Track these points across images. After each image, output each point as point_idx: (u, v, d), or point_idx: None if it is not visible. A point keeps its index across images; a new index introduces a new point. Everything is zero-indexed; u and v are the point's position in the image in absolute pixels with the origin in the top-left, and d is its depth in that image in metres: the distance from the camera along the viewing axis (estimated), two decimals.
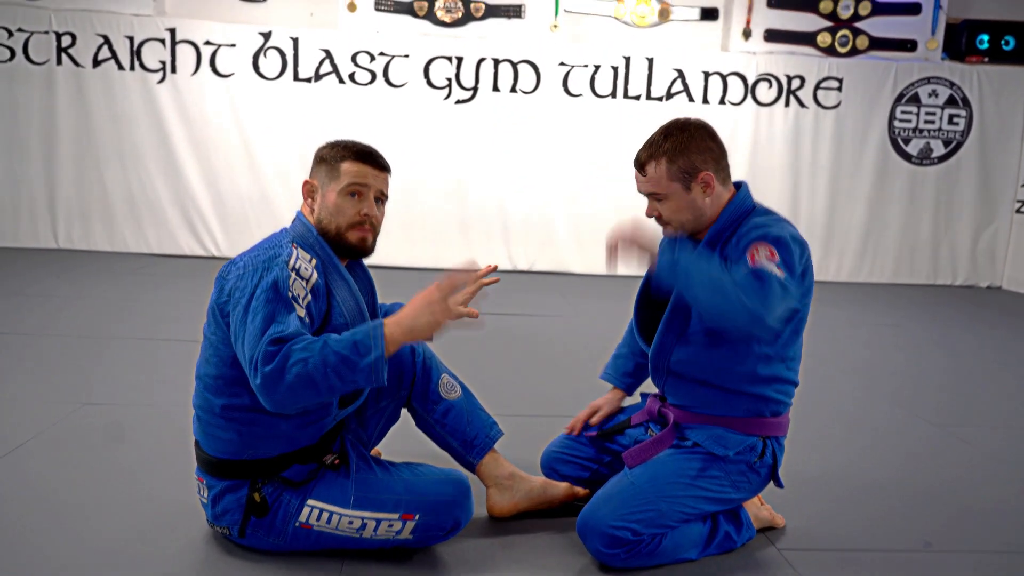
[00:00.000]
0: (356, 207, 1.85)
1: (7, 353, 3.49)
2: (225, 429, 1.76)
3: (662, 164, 1.91)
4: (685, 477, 1.91)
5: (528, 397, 3.24)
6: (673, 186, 1.91)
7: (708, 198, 1.92)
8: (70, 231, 6.24)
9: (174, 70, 6.11)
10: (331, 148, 1.90)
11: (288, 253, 1.74)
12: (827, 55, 6.55)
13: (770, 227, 1.83)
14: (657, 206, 1.96)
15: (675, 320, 1.95)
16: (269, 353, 1.57)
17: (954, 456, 2.84)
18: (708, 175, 1.91)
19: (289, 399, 1.59)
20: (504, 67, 6.31)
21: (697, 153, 1.91)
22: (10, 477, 2.23)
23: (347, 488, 1.79)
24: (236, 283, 1.71)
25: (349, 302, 1.83)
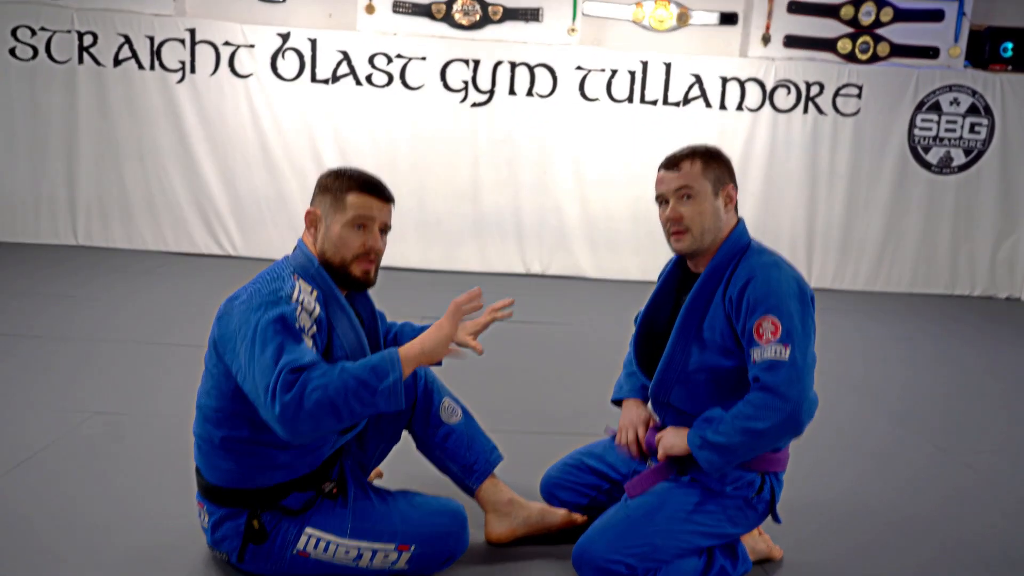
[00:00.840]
0: (361, 239, 1.86)
1: (22, 356, 3.56)
2: (225, 459, 1.79)
3: (698, 163, 1.96)
4: (682, 511, 1.92)
5: (532, 412, 3.26)
6: (705, 186, 1.95)
7: (725, 214, 1.96)
8: (89, 228, 6.32)
9: (193, 70, 6.16)
10: (335, 178, 1.90)
11: (291, 286, 1.75)
12: (847, 61, 6.48)
13: (775, 279, 1.85)
14: (681, 206, 1.94)
15: (675, 358, 1.96)
16: (288, 382, 1.57)
17: (957, 483, 2.83)
18: (733, 190, 1.98)
19: (309, 427, 1.58)
20: (521, 70, 6.31)
21: (726, 168, 2.00)
22: (18, 490, 2.28)
23: (344, 517, 1.82)
24: (240, 318, 1.71)
25: (349, 335, 1.84)
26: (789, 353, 1.78)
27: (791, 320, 1.81)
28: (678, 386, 1.97)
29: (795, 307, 1.83)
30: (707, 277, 1.93)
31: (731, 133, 6.46)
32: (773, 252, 1.97)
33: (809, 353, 1.82)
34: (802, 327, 1.82)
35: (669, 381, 1.98)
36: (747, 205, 6.55)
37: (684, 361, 1.95)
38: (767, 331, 1.80)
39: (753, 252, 1.94)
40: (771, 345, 1.79)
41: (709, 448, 1.82)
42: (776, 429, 1.79)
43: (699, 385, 1.94)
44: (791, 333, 1.80)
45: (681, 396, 1.97)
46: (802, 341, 1.81)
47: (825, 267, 6.71)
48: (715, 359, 1.91)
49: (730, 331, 1.88)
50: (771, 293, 1.82)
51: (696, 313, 1.94)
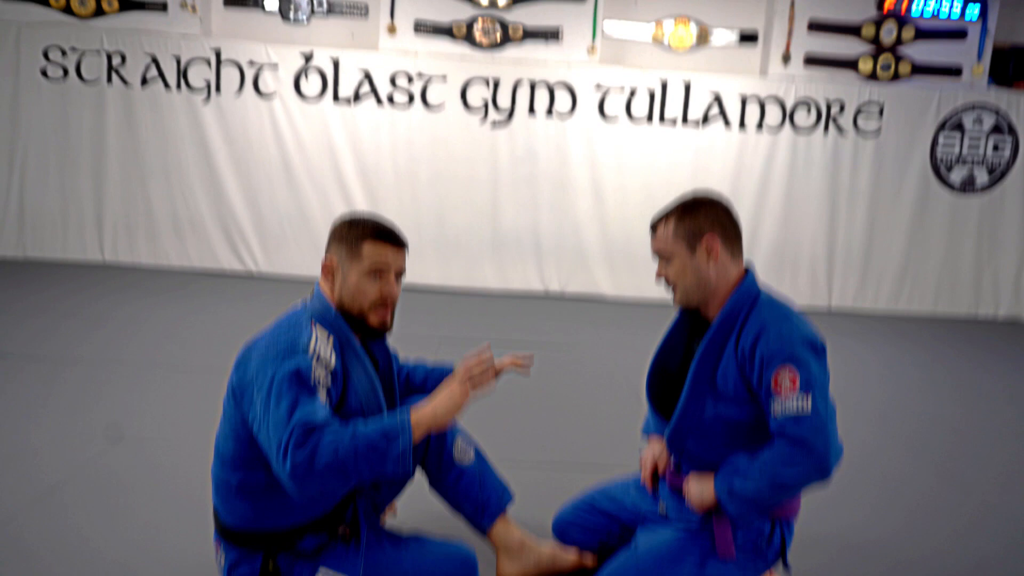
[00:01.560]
0: (378, 287, 1.90)
1: (46, 380, 3.64)
2: (242, 501, 1.83)
3: (670, 224, 1.99)
4: (691, 557, 1.94)
5: (547, 442, 3.28)
6: (678, 246, 1.97)
7: (712, 265, 1.96)
8: (116, 245, 6.44)
9: (219, 90, 6.26)
10: (349, 228, 1.93)
11: (308, 336, 1.78)
12: (869, 80, 6.46)
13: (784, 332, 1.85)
14: (664, 267, 2.02)
15: (690, 409, 1.97)
16: (300, 441, 1.61)
17: (970, 516, 2.80)
18: (712, 238, 1.96)
19: (317, 486, 1.63)
20: (540, 90, 6.35)
21: (705, 218, 1.98)
22: (41, 524, 2.34)
23: (356, 562, 1.86)
24: (257, 367, 1.75)
25: (364, 383, 1.88)
26: (811, 403, 1.79)
27: (808, 369, 1.81)
28: (693, 435, 1.99)
29: (811, 356, 1.83)
30: (718, 328, 1.95)
31: (751, 152, 6.45)
32: (784, 303, 1.98)
33: (828, 403, 1.83)
34: (820, 376, 1.83)
35: (684, 430, 2.00)
36: (766, 225, 6.54)
37: (699, 412, 1.96)
38: (785, 382, 1.81)
39: (764, 304, 1.95)
40: (792, 397, 1.80)
41: (739, 499, 1.85)
42: (805, 480, 1.81)
43: (715, 435, 1.96)
44: (810, 382, 1.80)
45: (697, 444, 1.99)
46: (822, 389, 1.82)
47: (846, 288, 6.68)
48: (730, 410, 1.93)
49: (743, 382, 1.90)
50: (785, 344, 1.84)
51: (708, 364, 1.95)
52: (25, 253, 6.41)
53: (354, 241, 1.91)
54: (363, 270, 1.89)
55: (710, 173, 6.44)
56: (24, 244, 6.42)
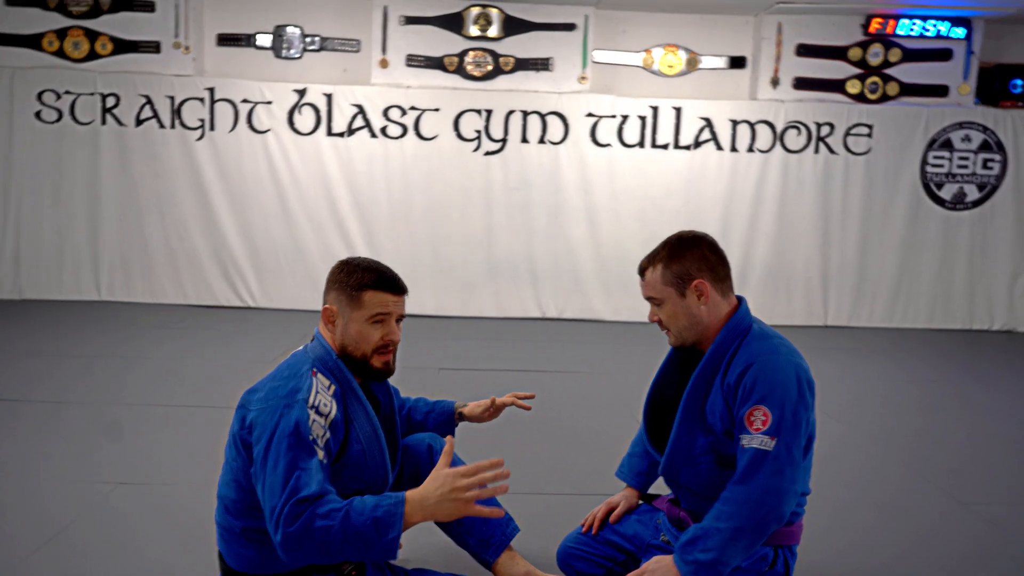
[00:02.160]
0: (380, 333, 1.91)
1: (47, 423, 3.62)
2: (246, 547, 1.83)
3: (658, 269, 2.00)
4: None
5: (549, 470, 3.27)
6: (667, 291, 1.99)
7: (704, 306, 1.98)
8: (112, 283, 6.44)
9: (212, 127, 6.31)
10: (348, 275, 1.92)
11: (308, 387, 1.78)
12: (857, 101, 6.53)
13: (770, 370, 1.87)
14: (656, 311, 2.04)
15: (681, 442, 1.99)
16: (293, 514, 1.61)
17: (972, 537, 2.80)
18: (702, 283, 1.97)
19: (303, 558, 1.64)
20: (533, 118, 6.41)
21: (692, 261, 1.99)
22: (48, 569, 2.32)
23: None
24: (257, 418, 1.76)
25: (366, 428, 1.89)
26: (774, 445, 1.81)
27: (782, 412, 1.83)
28: (686, 468, 2.00)
29: (790, 397, 1.85)
30: (707, 362, 1.97)
31: (742, 175, 6.51)
32: (775, 336, 1.99)
33: (796, 446, 1.84)
34: (793, 419, 1.84)
35: (677, 464, 2.01)
36: (760, 245, 6.58)
37: (690, 445, 1.98)
38: (757, 420, 1.83)
39: (754, 337, 1.96)
40: (759, 435, 1.82)
41: (704, 570, 1.83)
42: (758, 524, 1.82)
43: (706, 467, 1.97)
44: (780, 425, 1.82)
45: (690, 477, 2.00)
46: (790, 434, 1.83)
47: (841, 305, 6.70)
48: (719, 443, 1.95)
49: (729, 416, 1.92)
50: (767, 382, 1.85)
51: (697, 398, 1.97)
52: (21, 294, 6.41)
53: (355, 289, 1.91)
54: (364, 317, 1.90)
55: (703, 196, 6.49)
56: (20, 286, 6.42)
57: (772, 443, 1.82)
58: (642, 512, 2.27)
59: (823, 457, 3.57)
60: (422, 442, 2.23)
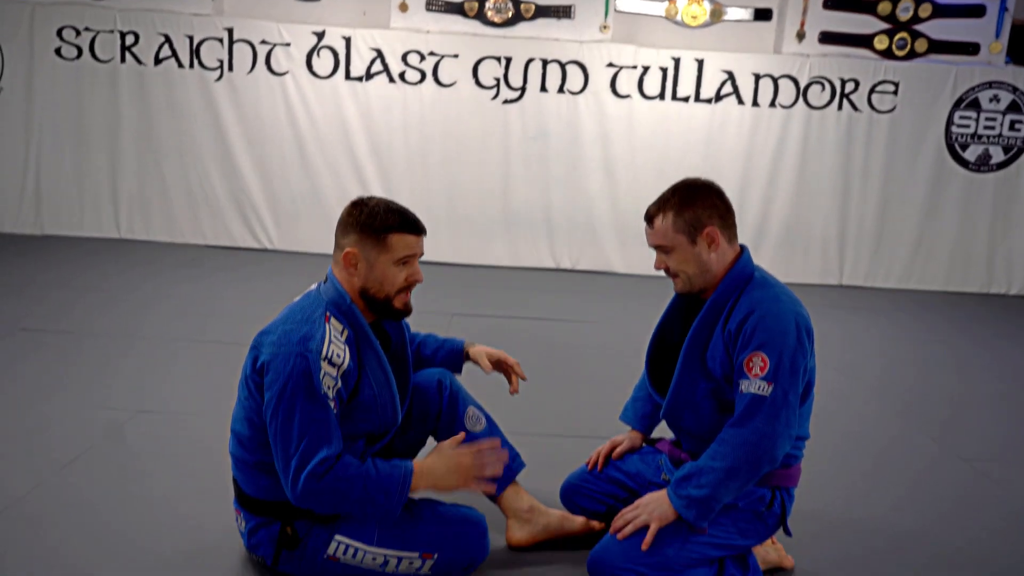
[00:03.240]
0: (405, 274, 1.93)
1: (69, 353, 3.71)
2: (261, 477, 1.89)
3: (669, 216, 1.99)
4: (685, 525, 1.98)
5: (557, 414, 3.33)
6: (679, 238, 1.99)
7: (713, 253, 1.99)
8: (131, 222, 6.51)
9: (231, 68, 6.29)
10: (370, 217, 1.91)
11: (321, 336, 1.80)
12: (884, 58, 6.41)
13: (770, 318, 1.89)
14: (664, 258, 2.04)
15: (682, 387, 2.02)
16: (316, 473, 1.73)
17: (973, 493, 2.83)
18: (713, 230, 1.98)
19: (313, 508, 1.81)
20: (552, 67, 6.34)
21: (703, 208, 1.99)
22: (63, 493, 2.40)
23: (371, 526, 1.91)
24: (270, 362, 1.79)
25: (378, 374, 1.92)
26: (771, 391, 1.85)
27: (780, 358, 1.86)
28: (687, 412, 2.04)
29: (789, 344, 1.87)
30: (709, 309, 1.99)
31: (763, 130, 6.43)
32: (776, 284, 2.01)
33: (793, 392, 1.88)
34: (791, 366, 1.87)
35: (678, 408, 2.06)
36: (778, 202, 6.53)
37: (691, 389, 2.02)
38: (756, 366, 1.87)
39: (756, 284, 1.98)
40: (757, 380, 1.86)
41: (696, 505, 1.88)
42: (752, 465, 1.86)
43: (707, 411, 2.01)
44: (778, 371, 1.86)
45: (691, 421, 2.04)
46: (787, 380, 1.87)
47: (857, 265, 6.67)
48: (719, 388, 1.99)
49: (729, 362, 1.95)
50: (766, 329, 1.88)
51: (699, 343, 2.00)
52: (43, 230, 6.49)
53: (379, 232, 1.90)
54: (391, 260, 1.91)
55: (722, 151, 6.43)
56: (42, 222, 6.50)
57: (769, 388, 1.85)
58: (644, 452, 2.31)
59: (825, 409, 3.61)
60: (431, 378, 2.26)
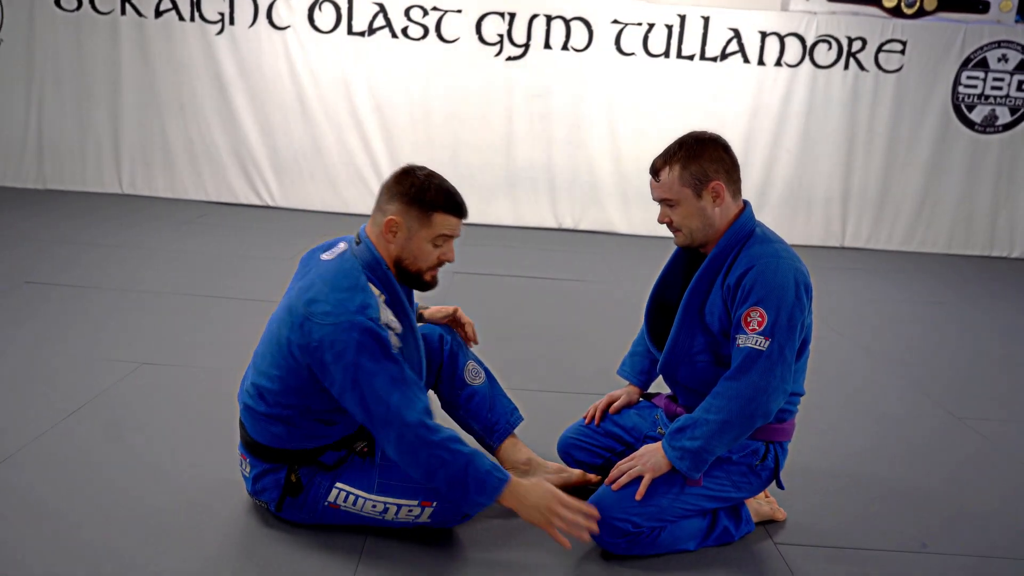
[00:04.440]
0: (439, 252, 1.93)
1: (71, 305, 3.75)
2: (273, 426, 1.92)
3: (675, 170, 1.99)
4: (680, 478, 2.02)
5: (556, 370, 3.36)
6: (684, 192, 1.99)
7: (718, 208, 1.99)
8: (134, 177, 6.51)
9: (232, 22, 6.23)
10: (420, 191, 1.88)
11: (375, 303, 1.82)
12: (892, 16, 6.33)
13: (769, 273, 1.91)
14: (669, 212, 2.04)
15: (680, 341, 2.05)
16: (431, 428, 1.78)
17: (968, 451, 2.88)
18: (719, 184, 1.98)
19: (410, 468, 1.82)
20: (556, 24, 6.27)
21: (709, 162, 1.99)
22: (67, 442, 2.45)
23: (372, 475, 1.96)
24: (330, 338, 1.76)
25: (410, 339, 1.93)
26: (768, 345, 1.88)
27: (778, 314, 1.88)
28: (683, 366, 2.06)
29: (787, 300, 1.89)
30: (709, 263, 2.01)
31: (769, 89, 6.38)
32: (777, 240, 2.02)
33: (789, 347, 1.90)
34: (788, 322, 1.89)
35: (675, 362, 2.08)
36: (781, 163, 6.51)
37: (688, 343, 2.04)
38: (753, 321, 1.89)
39: (756, 240, 1.99)
40: (754, 335, 1.88)
41: (690, 456, 1.91)
42: (746, 418, 1.89)
43: (703, 365, 2.03)
44: (775, 327, 1.88)
45: (687, 375, 2.07)
46: (784, 336, 1.89)
47: (859, 227, 6.67)
48: (716, 343, 2.01)
49: (727, 317, 1.97)
50: (765, 284, 1.89)
51: (698, 298, 2.02)
52: (45, 184, 6.50)
53: (426, 207, 1.88)
54: (430, 237, 1.90)
55: (726, 110, 6.39)
56: (44, 176, 6.50)
57: (766, 343, 1.88)
58: (641, 407, 2.35)
59: (823, 369, 3.66)
60: (433, 333, 2.29)
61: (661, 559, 2.03)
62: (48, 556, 1.87)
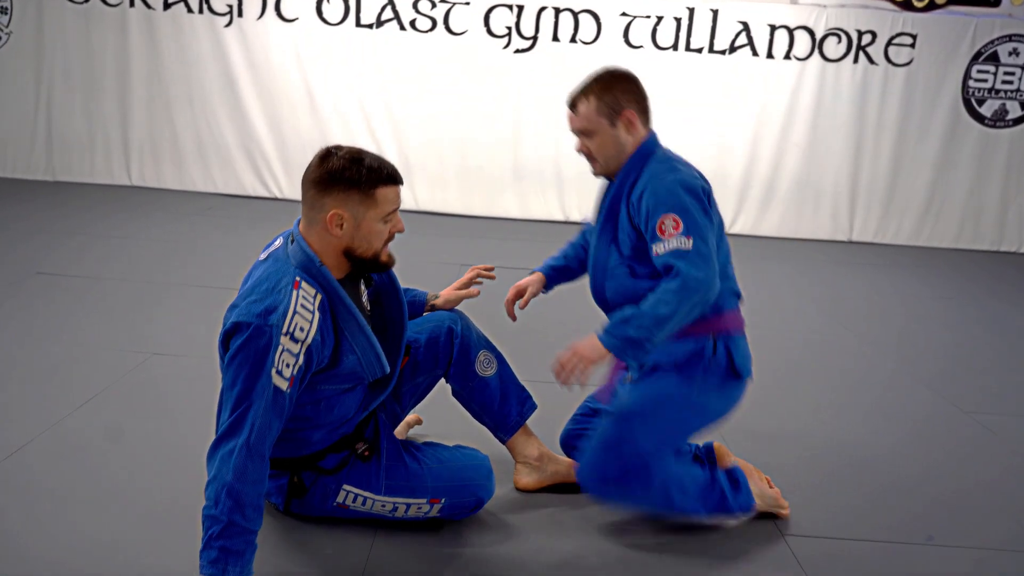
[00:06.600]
0: (389, 227, 1.84)
1: (82, 296, 3.78)
2: None
3: (591, 101, 2.10)
4: (646, 400, 2.08)
5: None
6: (600, 121, 2.10)
7: (630, 136, 2.10)
8: (142, 169, 6.54)
9: (240, 14, 6.24)
10: (353, 172, 1.75)
11: (285, 308, 1.68)
12: (903, 9, 6.30)
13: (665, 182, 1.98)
14: (587, 142, 2.14)
15: (599, 258, 2.16)
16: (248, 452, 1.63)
17: (975, 446, 2.88)
18: (631, 113, 2.09)
19: (210, 464, 1.65)
20: (565, 16, 6.26)
21: (622, 93, 2.10)
22: (80, 432, 2.47)
23: (379, 477, 1.95)
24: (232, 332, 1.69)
25: (358, 337, 1.83)
26: (692, 243, 1.94)
27: (689, 215, 1.95)
28: (608, 282, 2.15)
29: (692, 203, 1.97)
30: (616, 187, 2.12)
31: (777, 83, 6.37)
32: (674, 157, 2.11)
33: (710, 241, 1.96)
34: (699, 219, 1.95)
35: (599, 279, 2.18)
36: (790, 156, 6.50)
37: (606, 259, 2.14)
38: (669, 227, 1.95)
39: (656, 159, 2.08)
40: (674, 238, 1.94)
41: (631, 345, 1.93)
42: (690, 307, 1.93)
43: (622, 278, 2.11)
44: (691, 227, 1.94)
45: (613, 291, 2.15)
46: (703, 232, 1.95)
47: (867, 221, 6.65)
48: (629, 258, 2.09)
49: (636, 233, 2.06)
50: (668, 192, 1.97)
51: (611, 219, 2.13)
52: (55, 176, 6.53)
53: (365, 186, 1.76)
54: (379, 216, 1.80)
55: (735, 103, 6.37)
56: (53, 167, 6.53)
57: (689, 242, 1.94)
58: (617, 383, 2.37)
59: (828, 361, 3.66)
60: (442, 324, 2.22)
61: (668, 553, 2.04)
62: (56, 549, 1.89)
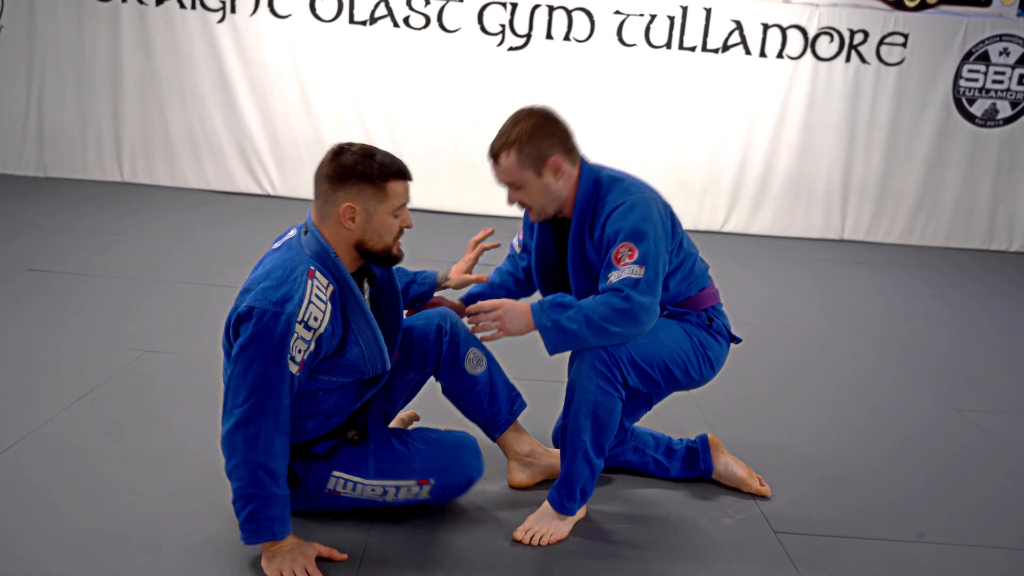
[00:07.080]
0: (399, 221, 1.90)
1: (74, 293, 3.77)
2: None
3: (512, 154, 2.05)
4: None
5: (561, 358, 3.37)
6: (526, 174, 2.06)
7: (560, 180, 2.07)
8: (134, 166, 6.51)
9: (233, 10, 6.22)
10: (366, 167, 1.82)
11: (300, 296, 1.74)
12: (894, 9, 6.32)
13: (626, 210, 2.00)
14: (515, 194, 2.11)
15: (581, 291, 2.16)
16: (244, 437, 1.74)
17: (966, 443, 2.90)
18: (556, 159, 2.06)
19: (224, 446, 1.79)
20: (558, 14, 6.26)
21: (543, 139, 2.04)
22: (73, 429, 2.47)
23: (367, 461, 1.98)
24: (246, 315, 1.75)
25: (364, 330, 1.88)
26: (643, 272, 1.96)
27: (646, 244, 1.97)
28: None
29: (649, 229, 1.98)
30: (575, 227, 2.11)
31: (769, 82, 6.38)
32: (624, 178, 2.11)
33: (662, 273, 2.00)
34: (655, 248, 1.98)
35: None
36: (782, 155, 6.51)
37: (590, 289, 2.12)
38: (624, 256, 1.97)
39: (608, 188, 2.07)
40: (628, 266, 1.96)
41: (559, 332, 1.97)
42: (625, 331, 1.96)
43: None
44: (646, 256, 1.97)
45: None
46: (656, 261, 1.98)
47: (859, 220, 6.68)
48: None
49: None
50: (626, 222, 1.99)
51: (578, 256, 2.13)
52: (46, 172, 6.50)
53: (378, 180, 1.83)
54: (390, 209, 1.86)
55: (727, 102, 6.39)
56: (45, 163, 6.50)
57: (641, 270, 1.96)
58: None
59: (821, 361, 3.67)
60: (431, 322, 2.22)
61: (660, 548, 2.06)
62: (49, 545, 1.89)
